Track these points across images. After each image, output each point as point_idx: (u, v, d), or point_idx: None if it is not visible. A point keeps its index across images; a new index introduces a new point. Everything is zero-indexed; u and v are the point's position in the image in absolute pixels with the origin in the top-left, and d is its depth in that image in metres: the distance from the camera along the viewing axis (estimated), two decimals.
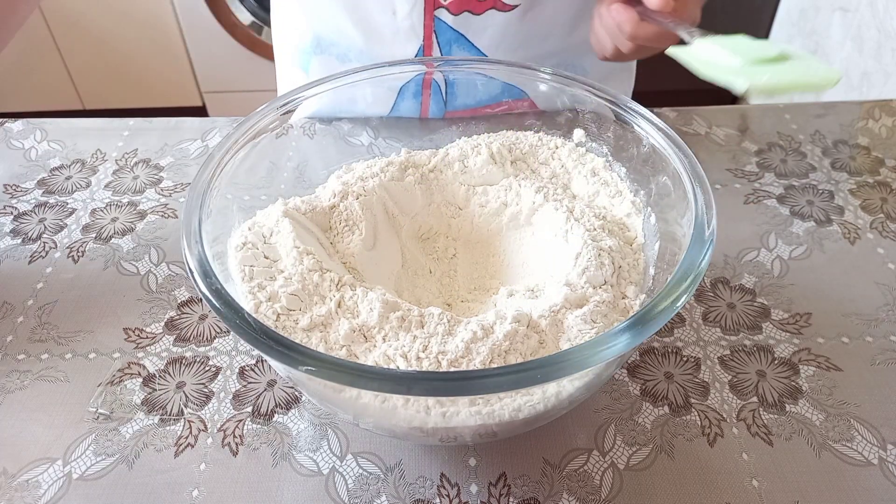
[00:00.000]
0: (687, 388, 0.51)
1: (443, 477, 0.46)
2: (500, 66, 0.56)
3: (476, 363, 0.39)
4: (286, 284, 0.44)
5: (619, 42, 0.54)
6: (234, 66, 1.89)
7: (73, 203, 0.67)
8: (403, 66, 0.56)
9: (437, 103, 0.68)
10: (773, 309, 0.56)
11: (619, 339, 0.35)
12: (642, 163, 0.50)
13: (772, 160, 0.71)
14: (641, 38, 0.52)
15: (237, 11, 1.79)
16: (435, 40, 0.65)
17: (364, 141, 0.60)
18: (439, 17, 0.64)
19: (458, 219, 0.55)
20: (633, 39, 0.52)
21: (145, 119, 0.77)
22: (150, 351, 0.54)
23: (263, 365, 0.53)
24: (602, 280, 0.45)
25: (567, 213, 0.50)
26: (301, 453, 0.48)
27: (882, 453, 0.47)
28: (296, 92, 0.52)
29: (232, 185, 0.48)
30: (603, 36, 0.56)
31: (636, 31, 0.52)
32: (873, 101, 0.79)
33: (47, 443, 0.48)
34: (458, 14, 0.63)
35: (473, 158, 0.54)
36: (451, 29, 0.65)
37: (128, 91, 1.98)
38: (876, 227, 0.63)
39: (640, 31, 0.52)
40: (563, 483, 0.46)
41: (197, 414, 0.50)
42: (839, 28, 1.56)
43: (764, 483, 0.46)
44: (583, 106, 0.54)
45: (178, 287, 0.59)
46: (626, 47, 0.54)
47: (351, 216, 0.51)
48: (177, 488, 0.46)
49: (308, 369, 0.34)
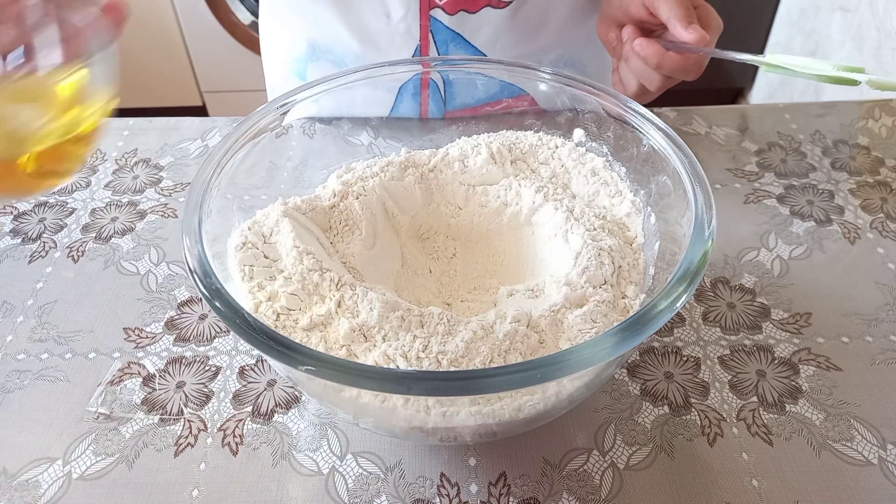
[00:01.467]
0: (687, 387, 0.51)
1: (443, 476, 0.46)
2: (499, 65, 0.56)
3: (476, 363, 0.39)
4: (286, 284, 0.44)
5: (646, 79, 0.55)
6: (234, 65, 1.89)
7: (72, 203, 0.67)
8: (401, 65, 0.56)
9: (437, 103, 0.67)
10: (773, 309, 0.56)
11: (618, 339, 0.35)
12: (642, 162, 0.50)
13: (772, 160, 0.71)
14: (668, 69, 0.53)
15: (237, 11, 1.79)
16: (432, 40, 0.65)
17: (364, 140, 0.60)
18: (435, 17, 0.64)
19: (458, 218, 0.55)
20: (659, 70, 0.53)
21: (145, 119, 0.77)
22: (149, 351, 0.54)
23: (263, 365, 0.53)
24: (602, 280, 0.45)
25: (567, 213, 0.50)
26: (301, 453, 0.48)
27: (882, 453, 0.47)
28: (295, 92, 0.52)
29: (232, 185, 0.48)
30: (627, 76, 0.57)
31: (663, 62, 0.53)
32: (873, 100, 0.79)
33: (47, 442, 0.48)
34: (454, 13, 0.63)
35: (473, 158, 0.54)
36: (447, 28, 0.65)
37: (127, 91, 1.97)
38: (876, 227, 0.63)
39: (667, 62, 0.53)
40: (563, 483, 0.46)
41: (197, 414, 0.50)
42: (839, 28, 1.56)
43: (764, 483, 0.46)
44: (583, 105, 0.54)
45: (178, 287, 0.59)
46: (653, 84, 0.55)
47: (351, 216, 0.51)
48: (177, 488, 0.46)
49: (308, 369, 0.34)
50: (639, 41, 0.54)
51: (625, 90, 0.58)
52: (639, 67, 0.55)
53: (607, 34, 0.60)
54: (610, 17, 0.60)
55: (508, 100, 0.59)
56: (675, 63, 0.52)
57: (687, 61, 0.52)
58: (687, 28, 0.50)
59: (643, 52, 0.53)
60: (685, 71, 0.53)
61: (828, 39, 1.61)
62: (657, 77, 0.54)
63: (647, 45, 0.53)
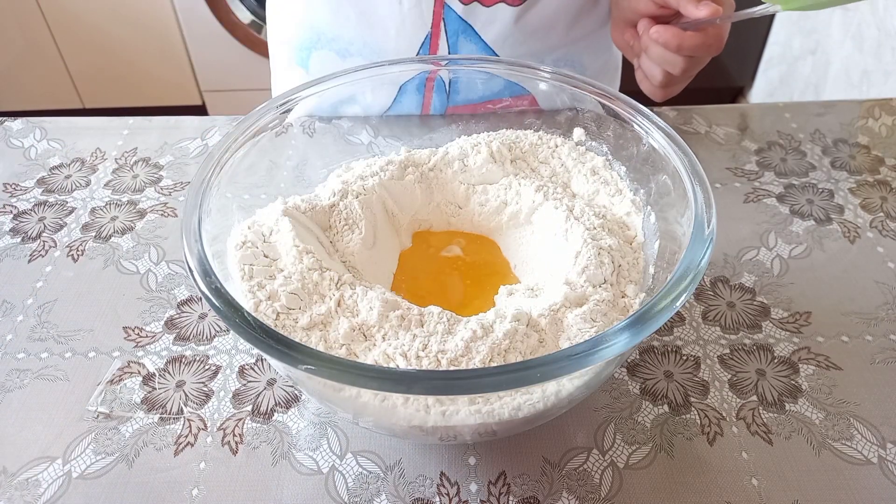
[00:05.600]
0: (686, 386, 0.51)
1: (442, 476, 0.46)
2: (500, 64, 0.56)
3: (476, 362, 0.39)
4: (286, 283, 0.44)
5: (669, 64, 0.55)
6: (234, 64, 1.89)
7: (72, 202, 0.67)
8: (404, 64, 0.56)
9: (441, 98, 0.67)
10: (773, 308, 0.56)
11: (618, 338, 0.35)
12: (642, 162, 0.50)
13: (772, 159, 0.71)
14: (689, 48, 0.53)
15: (237, 10, 1.79)
16: (443, 29, 0.65)
17: (364, 139, 0.59)
18: (450, 5, 0.64)
19: (458, 217, 0.55)
20: (680, 51, 0.53)
21: (145, 118, 0.77)
22: (149, 350, 0.54)
23: (263, 364, 0.53)
24: (602, 279, 0.45)
25: (567, 212, 0.50)
26: (301, 452, 0.48)
27: (881, 452, 0.47)
28: (296, 90, 0.52)
29: (231, 184, 0.48)
30: (650, 67, 0.57)
31: (683, 43, 0.53)
32: (873, 99, 0.79)
33: (47, 441, 0.48)
34: (468, 4, 0.63)
35: (473, 157, 0.54)
36: (459, 19, 0.65)
37: (127, 90, 1.98)
38: (876, 226, 0.63)
39: (687, 41, 0.53)
40: (563, 482, 0.46)
41: (197, 413, 0.50)
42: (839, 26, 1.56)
43: (763, 482, 0.46)
44: (583, 105, 0.54)
45: (178, 286, 0.59)
46: (676, 67, 0.55)
47: (351, 215, 0.51)
48: (176, 487, 0.46)
49: (308, 368, 0.34)
50: (655, 28, 0.54)
51: (650, 84, 0.59)
52: (659, 54, 0.55)
53: (622, 37, 0.60)
54: (622, 21, 0.60)
55: (510, 98, 0.59)
56: (696, 40, 0.53)
57: (706, 37, 0.52)
58: (698, 6, 0.51)
59: (661, 37, 0.53)
60: (706, 47, 0.53)
61: (828, 38, 1.61)
62: (680, 60, 0.54)
63: (664, 30, 0.53)
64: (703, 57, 0.55)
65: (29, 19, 1.81)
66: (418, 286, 0.52)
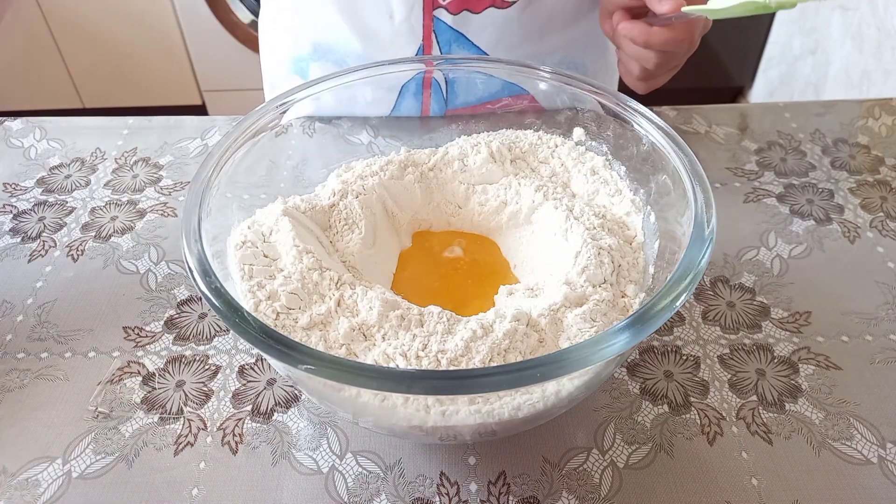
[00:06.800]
0: (686, 386, 0.51)
1: (442, 475, 0.46)
2: (499, 64, 0.56)
3: (475, 362, 0.39)
4: (286, 283, 0.44)
5: (642, 59, 0.55)
6: (234, 64, 1.89)
7: (72, 202, 0.67)
8: (403, 64, 0.56)
9: (438, 101, 0.67)
10: (773, 308, 0.56)
11: (618, 338, 0.35)
12: (642, 161, 0.50)
13: (771, 159, 0.71)
14: (658, 44, 0.53)
15: (237, 10, 1.79)
16: (435, 41, 0.65)
17: (363, 140, 0.59)
18: (438, 17, 0.64)
19: (458, 217, 0.55)
20: (649, 46, 0.53)
21: (145, 118, 0.77)
22: (149, 349, 0.54)
23: (263, 363, 0.53)
24: (602, 279, 0.45)
25: (567, 212, 0.50)
26: (301, 452, 0.48)
27: (881, 452, 0.47)
28: (295, 91, 0.52)
29: (231, 184, 0.48)
30: (627, 61, 0.57)
31: (650, 39, 0.52)
32: (873, 99, 0.79)
33: (47, 441, 0.48)
34: (458, 13, 0.63)
35: (473, 157, 0.54)
36: (450, 29, 0.64)
37: (127, 90, 1.98)
38: (876, 226, 0.63)
39: (654, 38, 0.52)
40: (563, 482, 0.46)
41: (196, 412, 0.50)
42: (839, 26, 1.56)
43: (763, 482, 0.46)
44: (582, 104, 0.54)
45: (178, 286, 0.59)
46: (649, 62, 0.55)
47: (350, 215, 0.51)
48: (176, 487, 0.46)
49: (307, 368, 0.34)
50: (623, 24, 0.54)
51: (630, 77, 0.59)
52: (632, 49, 0.55)
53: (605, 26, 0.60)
54: (605, 10, 0.60)
55: (509, 98, 0.59)
56: (663, 36, 0.52)
57: (674, 32, 0.52)
58: (661, 1, 0.50)
59: (629, 33, 0.53)
60: (676, 42, 0.52)
61: (827, 38, 1.61)
62: (652, 55, 0.54)
63: (631, 26, 0.53)
64: (679, 52, 0.54)
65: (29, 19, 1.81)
66: (418, 286, 0.52)
